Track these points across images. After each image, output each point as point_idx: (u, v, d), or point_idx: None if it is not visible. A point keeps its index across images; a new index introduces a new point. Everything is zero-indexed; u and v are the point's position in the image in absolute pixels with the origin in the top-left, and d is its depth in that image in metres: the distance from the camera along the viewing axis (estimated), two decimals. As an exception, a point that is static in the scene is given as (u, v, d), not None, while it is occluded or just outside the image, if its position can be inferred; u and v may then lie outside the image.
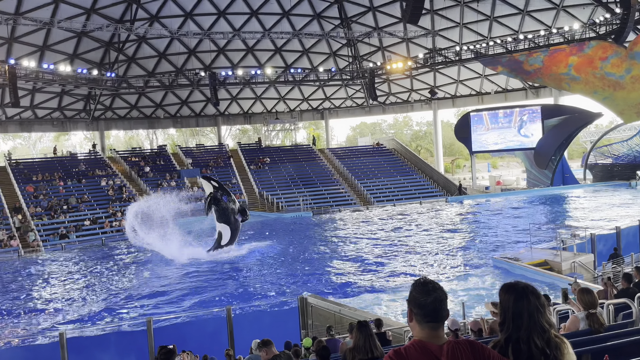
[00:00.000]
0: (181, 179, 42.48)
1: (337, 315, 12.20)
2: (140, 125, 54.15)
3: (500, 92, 48.70)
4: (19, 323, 16.30)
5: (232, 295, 17.60)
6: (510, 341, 2.43)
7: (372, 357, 5.12)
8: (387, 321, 11.34)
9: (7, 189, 36.42)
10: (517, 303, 2.46)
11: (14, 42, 37.11)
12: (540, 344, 2.38)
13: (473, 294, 15.46)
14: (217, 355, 10.39)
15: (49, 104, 44.53)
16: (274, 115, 53.12)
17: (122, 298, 18.33)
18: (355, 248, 24.63)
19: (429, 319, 2.27)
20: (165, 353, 4.96)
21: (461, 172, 68.22)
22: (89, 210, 36.08)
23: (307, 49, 48.38)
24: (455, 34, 44.06)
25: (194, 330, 12.54)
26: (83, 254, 28.60)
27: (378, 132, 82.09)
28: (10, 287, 21.48)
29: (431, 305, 2.27)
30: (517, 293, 2.49)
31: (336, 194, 42.91)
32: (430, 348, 2.21)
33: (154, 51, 45.09)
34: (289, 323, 12.78)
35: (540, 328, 2.41)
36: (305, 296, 13.42)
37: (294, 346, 9.16)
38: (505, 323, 2.49)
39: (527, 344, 2.39)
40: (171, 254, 23.92)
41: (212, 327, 12.71)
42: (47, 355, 11.16)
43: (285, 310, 14.13)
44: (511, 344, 2.42)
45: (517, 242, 23.02)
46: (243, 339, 11.38)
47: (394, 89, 52.31)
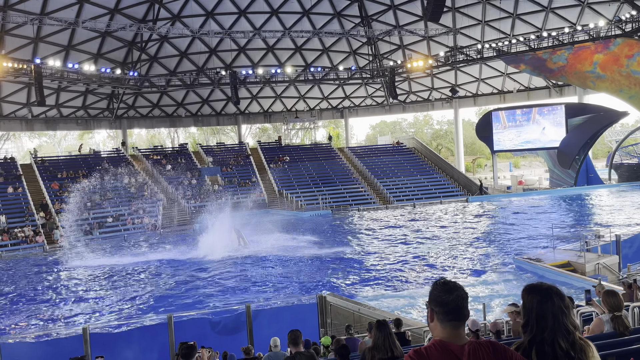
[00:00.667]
0: (202, 177, 42.87)
1: (356, 315, 12.18)
2: (162, 124, 54.79)
3: (523, 91, 48.00)
4: (43, 317, 16.66)
5: (251, 293, 17.70)
6: (534, 343, 2.39)
7: (391, 356, 5.10)
8: (406, 321, 11.28)
9: (33, 186, 37.23)
10: (541, 304, 2.42)
11: (39, 42, 37.86)
12: (565, 346, 2.34)
13: (494, 295, 15.28)
14: (237, 352, 10.46)
15: (74, 102, 45.34)
16: (294, 114, 53.25)
17: (144, 294, 18.59)
18: (375, 247, 24.56)
19: (451, 317, 2.24)
20: (186, 349, 5.00)
21: (482, 172, 67.49)
22: (111, 207, 36.63)
23: (327, 48, 48.36)
24: (477, 31, 43.57)
25: (214, 326, 12.64)
26: (106, 250, 29.08)
27: (398, 130, 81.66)
28: (35, 282, 21.95)
29: (453, 304, 2.24)
30: (541, 294, 2.44)
31: (355, 193, 42.81)
32: (452, 348, 2.18)
33: (175, 50, 45.57)
34: (308, 321, 12.78)
35: (565, 330, 2.37)
36: (324, 295, 13.42)
37: (313, 344, 9.17)
38: (528, 325, 2.45)
39: (551, 346, 2.35)
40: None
41: (232, 323, 12.79)
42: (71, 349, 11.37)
43: (304, 308, 14.15)
44: (535, 346, 2.38)
45: (539, 242, 22.68)
46: (262, 336, 11.43)
47: (415, 88, 51.96)
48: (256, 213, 38.89)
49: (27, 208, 34.22)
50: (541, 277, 15.34)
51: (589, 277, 14.92)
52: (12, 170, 38.80)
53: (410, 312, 14.17)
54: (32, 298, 19.23)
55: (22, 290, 20.65)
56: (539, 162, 64.20)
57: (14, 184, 36.61)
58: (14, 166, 39.69)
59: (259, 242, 26.56)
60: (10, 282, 22.36)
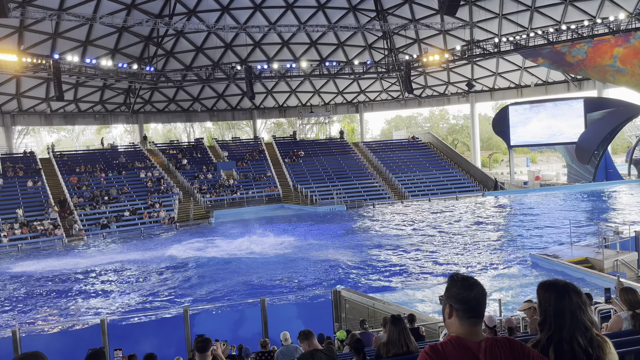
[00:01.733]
0: (217, 172, 43.13)
1: (371, 309, 12.19)
2: (178, 119, 55.19)
3: (541, 85, 47.37)
4: (61, 309, 16.95)
5: (265, 287, 17.81)
6: (551, 341, 2.37)
7: (406, 351, 5.10)
8: (421, 316, 11.27)
9: (52, 179, 37.82)
10: (559, 302, 2.38)
11: (58, 37, 38.32)
12: (583, 343, 2.31)
13: (510, 292, 15.17)
14: (252, 345, 10.55)
15: (91, 97, 45.87)
16: (309, 109, 53.24)
17: (160, 287, 18.81)
18: (390, 242, 24.51)
19: (471, 314, 2.21)
20: (202, 342, 5.06)
21: (499, 167, 66.88)
22: (128, 201, 37.07)
23: (342, 42, 48.20)
24: (494, 25, 43.04)
25: (229, 319, 12.76)
26: (123, 244, 29.46)
27: (413, 125, 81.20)
28: (53, 274, 22.32)
29: (475, 301, 2.21)
30: (558, 291, 2.41)
31: (370, 188, 42.71)
32: (468, 344, 2.16)
33: (191, 45, 45.81)
34: (323, 316, 12.84)
35: (583, 327, 2.34)
36: (338, 289, 13.45)
37: (327, 338, 9.20)
38: (546, 323, 2.42)
39: (570, 344, 2.33)
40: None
41: (247, 317, 12.90)
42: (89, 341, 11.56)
43: (319, 302, 14.21)
44: (553, 344, 2.36)
45: (557, 238, 22.44)
46: (277, 330, 11.50)
47: (430, 82, 51.58)
48: (271, 208, 39.13)
49: (47, 202, 34.78)
50: (558, 273, 15.19)
51: (608, 274, 14.73)
52: (31, 165, 39.45)
53: (424, 308, 14.13)
54: (50, 290, 19.57)
55: (40, 282, 21.02)
56: (557, 157, 63.43)
57: (34, 177, 37.22)
58: (34, 160, 40.34)
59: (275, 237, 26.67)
60: (30, 274, 22.77)
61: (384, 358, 5.32)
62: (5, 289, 20.10)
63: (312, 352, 5.40)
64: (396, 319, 5.34)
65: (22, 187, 36.06)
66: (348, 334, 8.97)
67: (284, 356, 8.15)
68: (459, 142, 75.96)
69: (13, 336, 10.84)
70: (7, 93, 40.59)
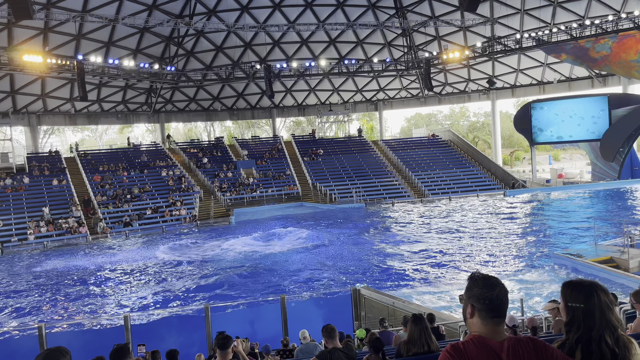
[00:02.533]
0: (237, 170, 43.43)
1: (391, 308, 12.15)
2: (198, 118, 55.69)
3: (564, 81, 46.56)
4: (86, 305, 17.27)
5: (285, 285, 17.89)
6: (580, 342, 2.32)
7: (427, 350, 5.08)
8: (441, 315, 11.20)
9: (76, 178, 38.54)
10: (588, 301, 2.34)
11: (81, 38, 38.98)
12: (611, 343, 2.28)
13: (532, 291, 14.97)
14: (272, 343, 10.60)
15: (114, 97, 46.58)
16: (328, 107, 53.23)
17: (182, 284, 19.03)
18: (410, 240, 24.39)
19: (494, 314, 2.18)
20: (223, 339, 5.11)
21: (521, 165, 66.00)
22: (150, 199, 37.56)
23: (361, 40, 48.06)
24: (515, 21, 42.42)
25: (249, 317, 12.85)
26: (145, 241, 29.88)
27: (433, 123, 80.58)
28: (78, 272, 22.75)
29: (497, 300, 2.18)
30: (586, 291, 2.36)
31: (389, 186, 42.54)
32: (490, 344, 2.13)
33: (211, 45, 46.17)
34: (342, 314, 12.84)
35: (612, 326, 2.30)
36: (358, 287, 13.44)
37: (347, 337, 9.21)
38: (574, 323, 2.37)
39: (598, 344, 2.29)
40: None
41: (267, 314, 12.97)
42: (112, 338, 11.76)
43: (339, 301, 14.22)
44: (581, 344, 2.31)
45: (580, 238, 22.06)
46: (297, 327, 11.55)
47: (451, 79, 51.11)
48: (290, 206, 39.27)
49: (71, 200, 35.45)
50: (582, 273, 14.94)
51: (633, 273, 14.44)
52: (56, 164, 40.26)
53: (444, 307, 14.03)
54: (76, 287, 19.95)
55: (65, 279, 21.45)
56: (581, 154, 62.31)
57: (59, 176, 37.98)
58: (59, 159, 41.17)
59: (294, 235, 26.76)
60: (55, 271, 23.24)
61: (404, 357, 5.31)
62: (32, 286, 20.56)
63: (331, 351, 5.42)
64: (417, 318, 5.33)
65: (47, 186, 36.84)
66: (367, 333, 8.96)
67: (304, 354, 8.19)
68: (480, 139, 75.13)
69: (39, 332, 11.08)
70: (33, 94, 41.46)
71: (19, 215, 33.19)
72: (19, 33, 35.65)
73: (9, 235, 31.01)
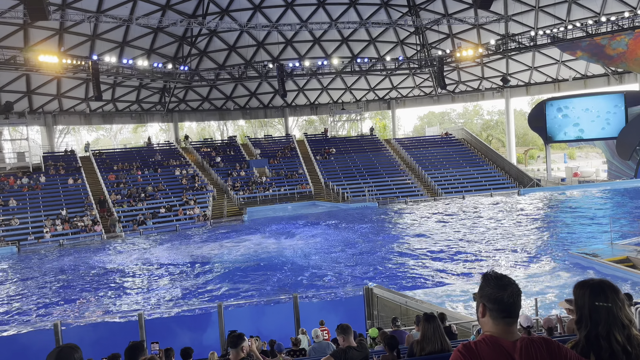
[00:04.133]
0: (250, 169, 43.59)
1: (403, 307, 12.12)
2: (211, 117, 56.00)
3: (579, 79, 46.00)
4: (101, 301, 17.47)
5: (298, 283, 17.92)
6: (589, 339, 2.31)
7: (440, 349, 5.07)
8: (454, 315, 11.14)
9: (91, 177, 38.98)
10: (594, 298, 2.33)
11: (96, 39, 39.39)
12: (621, 340, 2.25)
13: (546, 291, 14.82)
14: (284, 341, 10.63)
15: (128, 97, 47.01)
16: (340, 106, 53.19)
17: (195, 282, 19.16)
18: (423, 239, 24.30)
19: (505, 314, 2.16)
20: (235, 337, 5.13)
21: (535, 163, 65.35)
22: (164, 198, 37.85)
23: (374, 38, 47.93)
24: (530, 18, 41.98)
25: (262, 315, 12.90)
26: (159, 240, 30.12)
27: (447, 121, 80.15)
28: (93, 269, 23.01)
29: (508, 300, 2.16)
30: (593, 288, 2.36)
31: (402, 185, 42.41)
32: (503, 344, 2.11)
33: (224, 44, 46.38)
34: (354, 313, 12.83)
35: (621, 323, 2.27)
36: (371, 286, 13.42)
37: (359, 336, 9.20)
38: (582, 320, 2.36)
39: (607, 340, 2.27)
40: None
41: (280, 313, 13.01)
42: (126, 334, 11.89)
43: (351, 299, 14.21)
44: (591, 341, 2.30)
45: (596, 237, 21.80)
46: (309, 326, 11.57)
47: (464, 77, 50.78)
48: (302, 205, 39.32)
49: (86, 199, 35.85)
50: (598, 272, 14.76)
51: (650, 273, 14.24)
52: (72, 163, 40.74)
53: (457, 306, 13.96)
54: (91, 284, 20.19)
55: (80, 276, 21.71)
56: (596, 153, 61.57)
57: (74, 175, 38.43)
58: (74, 159, 41.66)
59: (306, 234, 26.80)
60: (71, 268, 23.54)
61: (417, 356, 5.30)
62: (48, 283, 20.84)
63: (345, 349, 5.41)
64: (430, 317, 5.31)
65: (63, 185, 37.30)
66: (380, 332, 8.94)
67: (317, 352, 8.19)
68: (494, 138, 74.56)
69: (55, 329, 11.25)
70: (49, 94, 41.99)
71: (36, 214, 33.66)
72: (34, 34, 36.13)
73: (25, 233, 31.46)
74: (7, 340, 12.76)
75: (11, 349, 11.42)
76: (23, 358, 10.97)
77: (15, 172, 38.27)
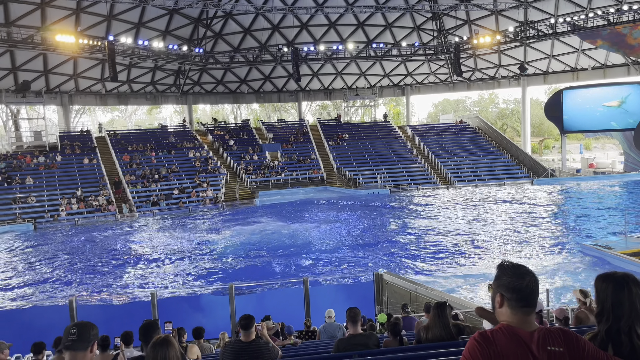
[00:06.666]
0: (263, 153, 43.67)
1: (413, 294, 12.17)
2: (225, 100, 56.02)
3: (599, 68, 45.15)
4: (115, 280, 17.76)
5: (308, 268, 18.04)
6: (610, 333, 2.30)
7: (446, 337, 5.12)
8: (464, 303, 11.16)
9: (106, 157, 39.38)
10: (617, 292, 2.32)
11: (112, 19, 39.45)
12: None
13: (559, 282, 14.78)
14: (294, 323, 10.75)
15: (143, 78, 47.17)
16: (354, 91, 52.89)
17: (206, 263, 19.38)
18: (435, 228, 24.26)
19: (524, 303, 2.14)
20: (246, 319, 5.23)
21: (550, 153, 64.66)
22: (177, 180, 38.14)
23: (390, 23, 47.40)
24: (550, 5, 41.18)
25: (272, 298, 13.04)
26: (171, 221, 30.43)
27: (461, 109, 79.37)
28: (107, 248, 23.36)
29: (528, 289, 2.14)
30: (616, 282, 2.35)
31: (415, 172, 42.24)
32: (520, 334, 2.10)
33: (239, 27, 46.19)
34: (364, 298, 12.92)
35: None
36: (381, 273, 13.48)
37: (369, 321, 9.27)
38: (603, 314, 2.35)
39: (628, 336, 2.26)
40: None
41: (290, 296, 13.14)
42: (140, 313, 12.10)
43: (361, 285, 14.30)
44: (611, 335, 2.29)
45: (610, 229, 21.60)
46: (319, 309, 11.68)
47: (480, 65, 50.12)
48: (314, 190, 39.39)
49: (101, 178, 36.27)
50: (610, 265, 14.67)
51: (664, 267, 14.10)
52: (87, 143, 41.16)
53: (467, 294, 13.98)
54: (104, 262, 20.52)
55: (94, 254, 22.06)
56: (613, 144, 60.71)
57: (89, 155, 38.84)
58: (90, 139, 42.08)
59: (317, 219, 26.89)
60: (85, 247, 23.92)
61: (424, 342, 5.36)
62: (63, 260, 21.21)
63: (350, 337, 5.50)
64: (439, 304, 5.36)
65: (78, 164, 37.74)
66: (389, 318, 9.01)
67: (326, 331, 8.30)
68: (509, 127, 73.77)
69: (70, 305, 11.48)
70: (65, 73, 42.27)
71: (52, 192, 34.15)
72: (51, 13, 36.27)
73: (41, 211, 31.97)
74: (22, 315, 13.06)
75: (26, 324, 11.69)
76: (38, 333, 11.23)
77: (32, 151, 38.79)
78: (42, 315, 12.42)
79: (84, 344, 2.86)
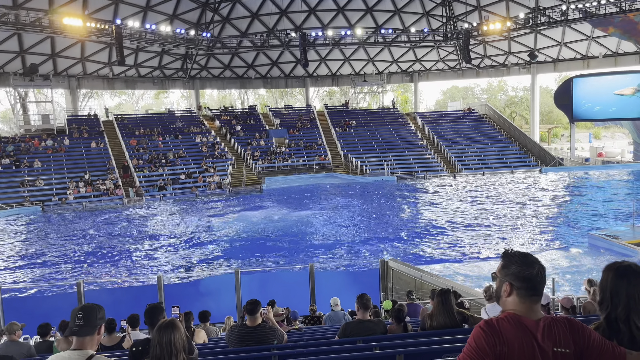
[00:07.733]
0: (269, 139, 43.62)
1: (418, 281, 12.18)
2: (232, 85, 55.87)
3: (610, 56, 44.55)
4: (121, 265, 17.91)
5: (313, 253, 18.09)
6: (609, 321, 2.30)
7: (450, 324, 5.13)
8: (469, 291, 11.17)
9: (113, 141, 39.48)
10: (616, 281, 2.33)
11: (120, 2, 39.26)
12: None
13: (565, 272, 14.74)
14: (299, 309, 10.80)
15: (150, 62, 47.06)
16: (362, 77, 52.55)
17: (212, 248, 19.48)
18: (441, 215, 24.22)
19: (533, 292, 2.13)
20: (251, 304, 5.25)
21: (559, 142, 64.17)
22: (184, 164, 38.23)
23: (399, 9, 46.90)
24: (562, -9, 40.56)
25: (277, 283, 13.10)
26: (178, 205, 30.56)
27: (470, 96, 78.76)
28: (114, 231, 23.52)
29: (537, 278, 2.13)
30: (617, 271, 2.35)
31: (422, 160, 42.09)
32: (525, 322, 2.09)
33: (247, 11, 45.86)
34: (369, 285, 12.94)
35: None
36: (386, 259, 13.49)
37: (374, 307, 9.29)
38: (604, 302, 2.36)
39: (626, 324, 2.26)
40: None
41: (295, 281, 13.18)
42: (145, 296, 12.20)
43: (366, 271, 14.33)
44: (610, 323, 2.29)
45: (618, 219, 21.47)
46: (323, 295, 11.72)
47: (490, 52, 49.59)
48: (320, 176, 39.37)
49: (109, 162, 36.41)
50: (617, 254, 14.59)
51: (672, 257, 14.02)
52: (95, 127, 41.26)
53: (471, 282, 13.98)
54: (112, 246, 20.67)
55: (101, 238, 22.22)
56: (623, 133, 60.19)
57: (97, 139, 38.96)
58: (97, 123, 42.17)
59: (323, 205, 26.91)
60: (93, 230, 24.09)
61: (428, 328, 5.37)
62: (71, 243, 21.38)
63: (358, 322, 5.51)
64: (443, 292, 5.36)
65: (86, 148, 37.89)
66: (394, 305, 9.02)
67: (332, 320, 8.32)
68: (517, 115, 73.19)
69: (77, 288, 11.59)
70: (73, 57, 42.24)
71: (59, 176, 34.35)
72: (59, -4, 36.15)
73: (49, 194, 32.19)
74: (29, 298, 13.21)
75: (34, 305, 11.82)
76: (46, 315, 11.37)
77: (40, 134, 38.95)
78: (49, 298, 12.55)
79: (91, 329, 2.86)
